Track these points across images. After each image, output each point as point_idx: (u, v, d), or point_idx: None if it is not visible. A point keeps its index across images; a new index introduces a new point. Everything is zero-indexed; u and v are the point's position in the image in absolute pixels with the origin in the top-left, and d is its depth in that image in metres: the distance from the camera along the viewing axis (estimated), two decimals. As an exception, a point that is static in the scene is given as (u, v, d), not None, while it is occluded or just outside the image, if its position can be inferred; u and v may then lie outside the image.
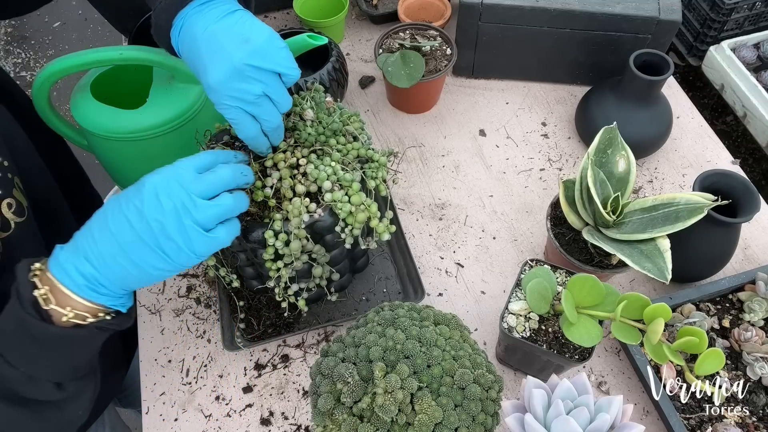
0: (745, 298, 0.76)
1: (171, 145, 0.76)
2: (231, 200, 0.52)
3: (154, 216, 0.48)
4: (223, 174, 0.52)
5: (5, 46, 2.53)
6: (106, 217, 0.49)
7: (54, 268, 0.49)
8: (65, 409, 0.53)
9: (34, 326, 0.47)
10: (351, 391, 0.53)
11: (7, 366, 0.48)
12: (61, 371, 0.51)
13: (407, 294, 0.81)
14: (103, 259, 0.48)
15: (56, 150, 0.85)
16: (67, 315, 0.48)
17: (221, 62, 0.54)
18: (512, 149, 0.98)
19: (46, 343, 0.48)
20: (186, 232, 0.48)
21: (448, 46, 0.97)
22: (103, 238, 0.49)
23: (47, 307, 0.48)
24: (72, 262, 0.49)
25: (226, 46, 0.54)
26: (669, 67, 0.83)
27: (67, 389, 0.52)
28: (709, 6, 1.26)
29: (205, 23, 0.56)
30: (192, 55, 0.57)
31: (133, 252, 0.48)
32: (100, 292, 0.50)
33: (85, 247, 0.49)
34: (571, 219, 0.73)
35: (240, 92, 0.55)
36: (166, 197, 0.48)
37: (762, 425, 0.69)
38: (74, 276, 0.48)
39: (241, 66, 0.54)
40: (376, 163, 0.67)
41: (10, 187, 0.58)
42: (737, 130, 1.29)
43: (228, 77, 0.54)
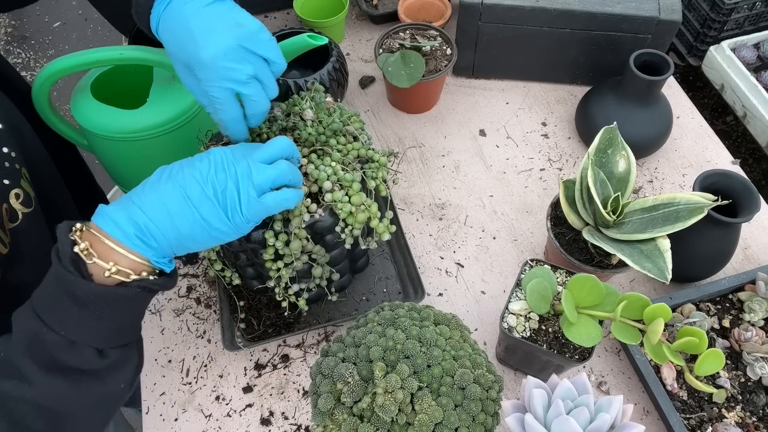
0: (745, 298, 0.76)
1: (171, 145, 0.76)
2: (286, 165, 0.55)
3: (222, 177, 0.51)
4: (282, 141, 0.56)
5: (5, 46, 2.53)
6: (168, 174, 0.51)
7: (100, 219, 0.49)
8: (107, 380, 0.51)
9: (74, 284, 0.46)
10: (351, 391, 0.53)
11: (47, 330, 0.47)
12: (103, 335, 0.49)
13: (407, 294, 0.81)
14: (165, 208, 0.49)
15: (61, 144, 0.86)
16: (110, 270, 0.48)
17: (216, 40, 0.54)
18: (512, 149, 0.98)
19: (87, 302, 0.47)
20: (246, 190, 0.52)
21: (448, 46, 0.97)
22: (166, 190, 0.50)
23: (89, 261, 0.47)
24: (124, 212, 0.49)
25: (219, 27, 0.55)
26: (669, 67, 0.83)
27: (110, 357, 0.50)
28: (709, 6, 1.26)
29: (195, 6, 0.56)
30: (178, 35, 0.56)
31: (197, 205, 0.50)
32: (150, 244, 0.49)
33: (143, 198, 0.50)
34: (571, 219, 0.73)
35: (232, 71, 0.55)
36: (232, 165, 0.52)
37: (762, 425, 0.69)
38: (125, 225, 0.48)
39: (235, 46, 0.54)
40: (376, 163, 0.67)
41: (18, 177, 0.59)
42: (737, 130, 1.29)
43: (222, 54, 0.54)
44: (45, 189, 0.66)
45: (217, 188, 0.51)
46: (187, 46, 0.55)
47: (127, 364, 0.53)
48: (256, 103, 0.58)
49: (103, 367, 0.50)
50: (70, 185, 0.76)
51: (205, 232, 0.51)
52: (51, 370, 0.48)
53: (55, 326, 0.47)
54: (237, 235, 0.54)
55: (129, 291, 0.49)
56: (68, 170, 0.78)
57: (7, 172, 0.57)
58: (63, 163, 0.76)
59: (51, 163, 0.72)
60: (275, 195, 0.54)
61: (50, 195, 0.68)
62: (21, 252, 0.59)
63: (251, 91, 0.57)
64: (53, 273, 0.48)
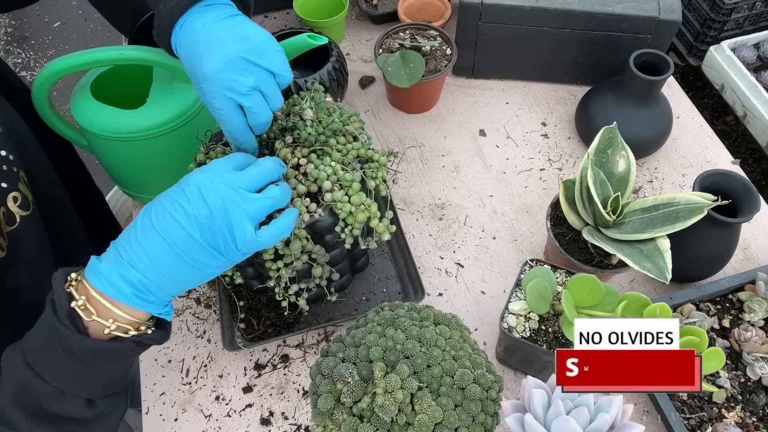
0: (745, 298, 0.76)
1: (171, 145, 0.76)
2: (278, 191, 0.53)
3: (205, 213, 0.48)
4: (268, 165, 0.54)
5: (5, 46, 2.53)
6: (149, 221, 0.48)
7: (95, 279, 0.47)
8: (94, 428, 0.51)
9: (70, 339, 0.46)
10: (351, 391, 0.53)
11: (37, 380, 0.47)
12: (93, 387, 0.49)
13: (407, 294, 0.81)
14: (152, 263, 0.47)
15: (59, 146, 0.86)
16: (109, 327, 0.47)
17: (217, 53, 0.55)
18: (512, 149, 0.98)
19: (82, 356, 0.47)
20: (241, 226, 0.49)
21: (448, 46, 0.97)
22: (150, 242, 0.47)
23: (88, 319, 0.47)
24: (117, 271, 0.47)
25: (224, 40, 0.56)
26: (669, 67, 0.83)
27: (98, 407, 0.50)
28: (709, 6, 1.26)
29: (205, 21, 0.57)
30: (189, 50, 0.57)
31: (185, 252, 0.48)
32: (149, 300, 0.48)
33: (130, 253, 0.48)
34: (571, 219, 0.73)
35: (233, 82, 0.55)
36: (213, 194, 0.48)
37: (762, 425, 0.69)
38: (120, 285, 0.47)
39: (236, 58, 0.55)
40: (376, 163, 0.67)
41: (15, 180, 0.59)
42: (737, 130, 1.29)
43: (223, 66, 0.55)
44: (43, 192, 0.66)
45: (203, 226, 0.48)
46: (193, 60, 0.56)
47: (115, 412, 0.53)
48: (257, 115, 0.58)
49: (92, 416, 0.50)
50: (68, 187, 0.76)
51: (199, 272, 0.50)
52: (38, 417, 0.47)
53: (46, 376, 0.47)
54: (233, 264, 0.53)
55: (124, 346, 0.49)
56: (67, 172, 0.78)
57: (4, 175, 0.57)
58: (61, 165, 0.76)
59: (49, 165, 0.72)
60: (272, 230, 0.52)
61: (49, 198, 0.68)
62: (19, 255, 0.59)
63: (251, 102, 0.57)
64: (47, 324, 0.47)
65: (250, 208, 0.49)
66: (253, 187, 0.52)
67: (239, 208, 0.49)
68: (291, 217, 0.54)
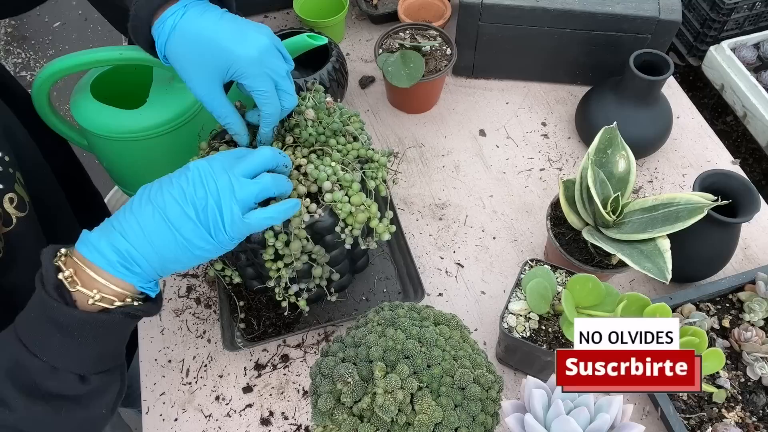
0: (745, 298, 0.76)
1: (171, 145, 0.76)
2: (269, 178, 0.54)
3: (201, 194, 0.50)
4: (264, 152, 0.56)
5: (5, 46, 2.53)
6: (147, 196, 0.50)
7: (83, 247, 0.48)
8: (89, 406, 0.51)
9: (57, 310, 0.46)
10: (351, 391, 0.53)
11: (29, 356, 0.47)
12: (85, 361, 0.49)
13: (407, 294, 0.81)
14: (143, 233, 0.49)
15: (56, 146, 0.86)
16: (94, 297, 0.47)
17: (257, 38, 0.58)
18: (512, 149, 0.98)
19: (70, 329, 0.47)
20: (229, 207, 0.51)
21: (448, 46, 0.97)
22: (144, 214, 0.49)
23: (73, 289, 0.47)
24: (106, 239, 0.48)
25: (249, 30, 0.59)
26: (669, 67, 0.83)
27: (92, 383, 0.50)
28: (709, 6, 1.26)
29: (213, 16, 0.59)
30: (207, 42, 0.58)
31: (177, 227, 0.49)
32: (133, 270, 0.49)
33: (123, 223, 0.49)
34: (571, 219, 0.73)
35: (276, 65, 0.60)
36: (211, 179, 0.51)
37: (762, 425, 0.69)
38: (107, 253, 0.48)
39: (271, 45, 0.60)
40: (376, 163, 0.67)
41: (11, 181, 0.58)
42: (737, 130, 1.29)
43: (267, 50, 0.59)
44: (40, 192, 0.66)
45: (197, 206, 0.50)
46: (227, 48, 0.58)
47: (109, 390, 0.53)
48: (291, 97, 0.62)
49: (85, 392, 0.50)
50: (66, 188, 0.76)
51: (188, 252, 0.51)
52: (32, 395, 0.47)
53: (38, 352, 0.47)
54: (221, 251, 0.53)
55: (112, 317, 0.49)
56: (64, 173, 0.77)
57: (0, 176, 0.57)
58: (58, 166, 0.76)
59: (46, 166, 0.72)
60: (259, 213, 0.53)
61: (45, 198, 0.68)
62: (15, 256, 0.59)
63: (288, 84, 0.61)
64: (37, 298, 0.47)
65: (239, 192, 0.51)
66: (248, 173, 0.54)
67: (230, 190, 0.51)
68: (285, 206, 0.55)
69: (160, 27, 0.58)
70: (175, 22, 0.58)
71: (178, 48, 0.59)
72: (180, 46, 0.59)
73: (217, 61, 0.58)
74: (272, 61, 0.59)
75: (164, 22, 0.58)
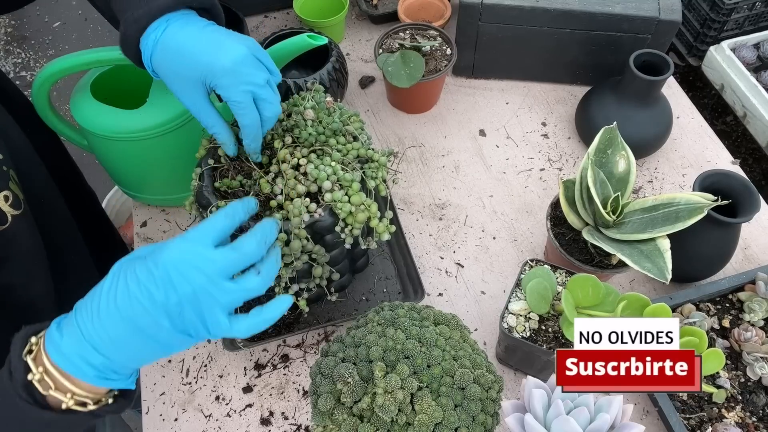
0: (745, 298, 0.76)
1: (171, 145, 0.76)
2: (257, 282, 0.47)
3: (173, 300, 0.44)
4: (249, 248, 0.47)
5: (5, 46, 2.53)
6: (114, 303, 0.44)
7: (56, 356, 0.44)
8: None
9: (25, 411, 0.43)
10: (351, 391, 0.53)
11: None
12: None
13: (407, 294, 0.81)
14: (115, 346, 0.44)
15: (51, 145, 0.86)
16: (67, 402, 0.44)
17: (234, 48, 0.58)
18: (512, 149, 0.98)
19: (34, 428, 0.45)
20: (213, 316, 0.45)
21: (448, 46, 0.97)
22: (114, 325, 0.44)
23: (45, 392, 0.44)
24: (78, 354, 0.44)
25: (228, 40, 0.59)
26: (669, 67, 0.83)
27: None
28: (709, 6, 1.26)
29: (197, 27, 0.59)
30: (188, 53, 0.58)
31: (151, 337, 0.44)
32: (111, 378, 0.45)
33: (93, 335, 0.44)
34: (571, 219, 0.73)
35: (252, 75, 0.59)
36: (182, 281, 0.44)
37: (762, 425, 0.69)
38: (83, 367, 0.44)
39: (249, 54, 0.59)
40: (376, 163, 0.67)
41: (6, 179, 0.59)
42: (737, 130, 1.29)
43: (242, 60, 0.58)
44: (35, 191, 0.66)
45: (172, 314, 0.44)
46: (202, 59, 0.58)
47: None
48: (272, 105, 0.61)
49: None
50: (60, 186, 0.76)
51: (168, 352, 0.46)
52: None
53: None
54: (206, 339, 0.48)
55: (79, 418, 0.46)
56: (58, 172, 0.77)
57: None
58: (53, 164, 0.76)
59: (40, 164, 0.72)
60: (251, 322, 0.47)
61: (40, 197, 0.68)
62: (10, 254, 0.59)
63: (267, 93, 0.60)
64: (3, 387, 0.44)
65: (222, 299, 0.45)
66: (229, 272, 0.46)
67: (211, 297, 0.45)
68: (279, 309, 0.49)
69: (145, 42, 0.59)
70: (157, 36, 0.59)
71: (162, 61, 0.60)
72: (163, 60, 0.59)
73: (195, 73, 0.59)
74: (248, 71, 0.58)
75: (148, 37, 0.59)
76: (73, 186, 0.92)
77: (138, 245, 0.88)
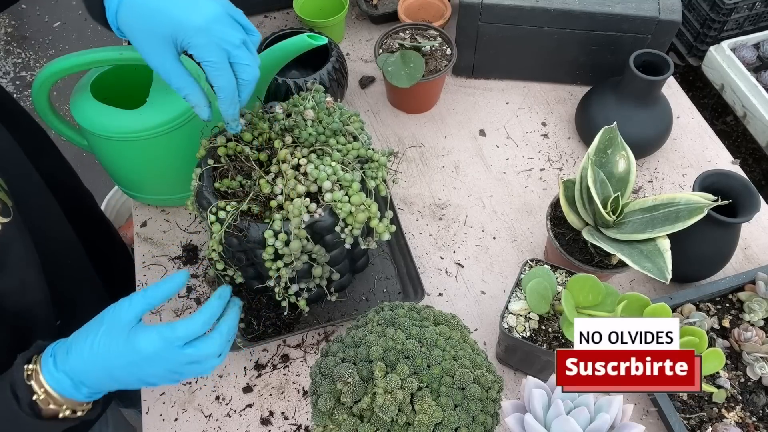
0: (745, 298, 0.76)
1: (171, 145, 0.76)
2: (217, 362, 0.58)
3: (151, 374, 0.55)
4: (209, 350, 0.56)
5: (5, 46, 2.53)
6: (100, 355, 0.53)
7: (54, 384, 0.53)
8: None
9: (29, 424, 0.52)
10: (351, 391, 0.53)
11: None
12: None
13: (407, 294, 0.81)
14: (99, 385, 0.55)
15: (43, 149, 0.85)
16: (64, 412, 0.54)
17: (207, 6, 0.56)
18: (512, 149, 0.98)
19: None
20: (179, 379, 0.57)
21: (448, 46, 0.97)
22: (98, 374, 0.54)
23: (46, 407, 0.53)
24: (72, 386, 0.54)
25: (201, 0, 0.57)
26: (669, 67, 0.83)
27: None
28: (709, 6, 1.26)
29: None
30: (156, 9, 0.56)
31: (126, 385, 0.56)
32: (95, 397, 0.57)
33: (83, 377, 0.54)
34: (571, 219, 0.73)
35: (227, 34, 0.56)
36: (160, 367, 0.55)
37: (762, 425, 0.69)
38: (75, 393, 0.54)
39: (224, 13, 0.57)
40: (376, 163, 0.67)
41: None
42: (737, 130, 1.29)
43: (216, 18, 0.56)
44: (26, 197, 0.65)
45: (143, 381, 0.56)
46: (174, 17, 0.55)
47: None
48: (249, 68, 0.59)
49: None
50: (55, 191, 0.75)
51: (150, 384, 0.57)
52: None
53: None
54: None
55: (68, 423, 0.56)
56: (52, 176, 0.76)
57: None
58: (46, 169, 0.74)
59: (31, 169, 0.70)
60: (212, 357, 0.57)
61: (32, 203, 0.67)
62: (2, 262, 0.58)
63: (243, 54, 0.58)
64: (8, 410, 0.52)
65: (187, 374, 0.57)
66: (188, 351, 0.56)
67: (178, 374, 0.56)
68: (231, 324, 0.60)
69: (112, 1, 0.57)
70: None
71: (127, 18, 0.57)
72: (128, 17, 0.57)
73: (165, 30, 0.56)
74: (223, 29, 0.56)
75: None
76: (69, 189, 0.90)
77: (138, 245, 0.88)
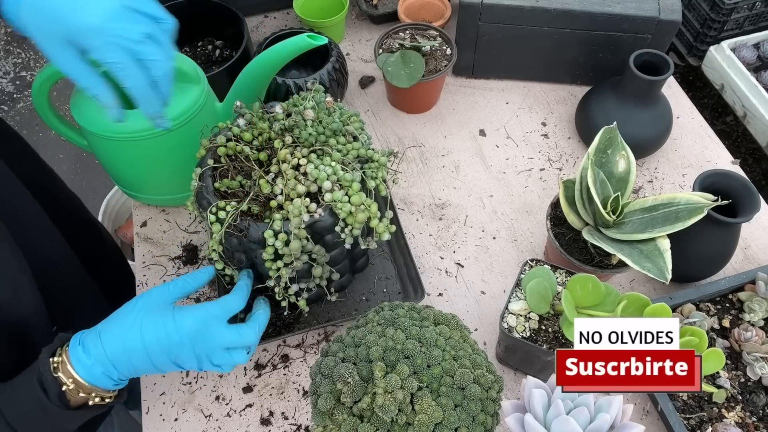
0: (745, 298, 0.76)
1: (171, 145, 0.76)
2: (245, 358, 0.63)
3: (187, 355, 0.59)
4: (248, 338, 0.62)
5: (5, 46, 2.53)
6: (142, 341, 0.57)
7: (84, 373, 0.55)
8: None
9: (58, 414, 0.54)
10: (351, 391, 0.53)
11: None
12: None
13: (407, 294, 0.81)
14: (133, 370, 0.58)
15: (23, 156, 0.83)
16: (94, 400, 0.57)
17: (98, 3, 0.51)
18: (512, 149, 0.98)
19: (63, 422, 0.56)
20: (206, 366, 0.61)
21: (448, 46, 0.97)
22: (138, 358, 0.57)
23: (75, 397, 0.55)
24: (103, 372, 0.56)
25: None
26: (669, 67, 0.83)
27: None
28: (709, 6, 1.26)
29: None
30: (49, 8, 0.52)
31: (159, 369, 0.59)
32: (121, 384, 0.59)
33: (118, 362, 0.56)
34: (571, 219, 0.73)
35: (124, 31, 0.52)
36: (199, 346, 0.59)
37: (762, 425, 0.69)
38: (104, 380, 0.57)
39: (119, 7, 0.52)
40: (376, 163, 0.67)
41: None
42: (737, 130, 1.29)
43: (109, 16, 0.51)
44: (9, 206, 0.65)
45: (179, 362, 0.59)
46: (65, 17, 0.51)
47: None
48: (159, 62, 0.54)
49: None
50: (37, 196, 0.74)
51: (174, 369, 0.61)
52: None
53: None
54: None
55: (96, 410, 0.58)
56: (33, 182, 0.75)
57: None
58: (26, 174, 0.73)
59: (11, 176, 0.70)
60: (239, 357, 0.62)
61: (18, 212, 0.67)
62: None
63: (149, 49, 0.53)
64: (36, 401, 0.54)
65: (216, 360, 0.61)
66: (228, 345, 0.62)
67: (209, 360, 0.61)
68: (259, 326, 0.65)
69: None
70: None
71: (24, 17, 0.53)
72: (24, 18, 0.52)
73: (60, 32, 0.52)
74: (119, 26, 0.51)
75: None
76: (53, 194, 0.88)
77: (138, 245, 0.88)
